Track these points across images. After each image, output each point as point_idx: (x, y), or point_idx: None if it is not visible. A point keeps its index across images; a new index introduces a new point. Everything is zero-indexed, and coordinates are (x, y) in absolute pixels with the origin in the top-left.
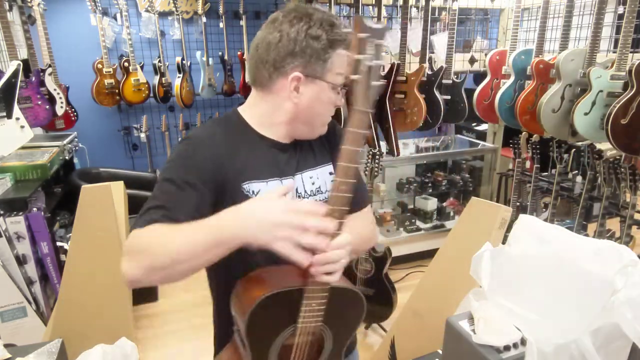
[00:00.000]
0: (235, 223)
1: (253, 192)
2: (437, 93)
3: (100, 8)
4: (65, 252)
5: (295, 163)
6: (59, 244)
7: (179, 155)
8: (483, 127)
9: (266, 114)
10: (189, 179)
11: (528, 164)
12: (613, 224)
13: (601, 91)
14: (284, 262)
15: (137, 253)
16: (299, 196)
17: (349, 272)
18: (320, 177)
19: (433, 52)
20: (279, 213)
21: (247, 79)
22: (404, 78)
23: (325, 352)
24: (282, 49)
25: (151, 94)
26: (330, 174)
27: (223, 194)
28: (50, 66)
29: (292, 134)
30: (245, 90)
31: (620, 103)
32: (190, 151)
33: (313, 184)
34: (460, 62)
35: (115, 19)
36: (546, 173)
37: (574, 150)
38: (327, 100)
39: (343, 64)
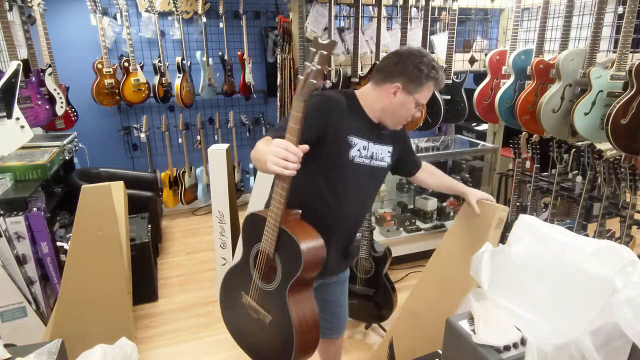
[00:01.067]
0: (266, 155)
1: (354, 142)
2: (437, 93)
3: (100, 8)
4: (65, 252)
5: (377, 136)
6: (59, 244)
7: (312, 103)
8: (483, 127)
9: (371, 100)
10: (307, 118)
11: (528, 164)
12: (613, 224)
13: (601, 91)
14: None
15: (254, 148)
16: (374, 158)
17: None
18: (384, 152)
19: (433, 52)
20: (270, 147)
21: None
22: None
23: (277, 276)
24: (397, 68)
25: (151, 94)
26: (389, 152)
27: (333, 135)
28: (50, 66)
29: (379, 119)
30: (245, 91)
31: (620, 103)
32: (318, 102)
33: (382, 154)
34: (460, 62)
35: (115, 19)
36: (546, 173)
37: (574, 150)
38: (408, 109)
39: (430, 92)
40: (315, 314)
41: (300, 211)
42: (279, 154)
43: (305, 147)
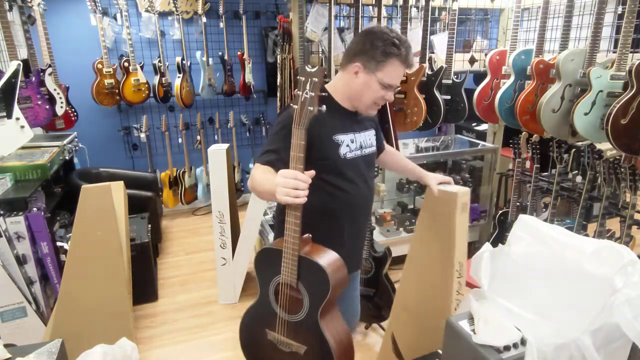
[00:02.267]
0: (272, 185)
1: (340, 140)
2: (437, 93)
3: (100, 8)
4: (65, 252)
5: (358, 125)
6: (59, 244)
7: (287, 116)
8: (483, 127)
9: (342, 88)
10: (288, 136)
11: (528, 164)
12: (613, 224)
13: (601, 91)
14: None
15: (250, 178)
16: (364, 147)
17: None
18: (370, 137)
19: (433, 52)
20: (278, 179)
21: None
22: (404, 78)
23: (304, 304)
24: (356, 48)
25: (151, 94)
26: (373, 135)
27: (319, 142)
28: (50, 66)
29: (353, 106)
30: (245, 91)
31: (620, 103)
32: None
33: (369, 140)
34: (460, 62)
35: (115, 19)
36: (546, 173)
37: (574, 150)
38: (373, 90)
39: (395, 70)
40: (346, 327)
41: (310, 235)
42: (289, 185)
43: (312, 172)
